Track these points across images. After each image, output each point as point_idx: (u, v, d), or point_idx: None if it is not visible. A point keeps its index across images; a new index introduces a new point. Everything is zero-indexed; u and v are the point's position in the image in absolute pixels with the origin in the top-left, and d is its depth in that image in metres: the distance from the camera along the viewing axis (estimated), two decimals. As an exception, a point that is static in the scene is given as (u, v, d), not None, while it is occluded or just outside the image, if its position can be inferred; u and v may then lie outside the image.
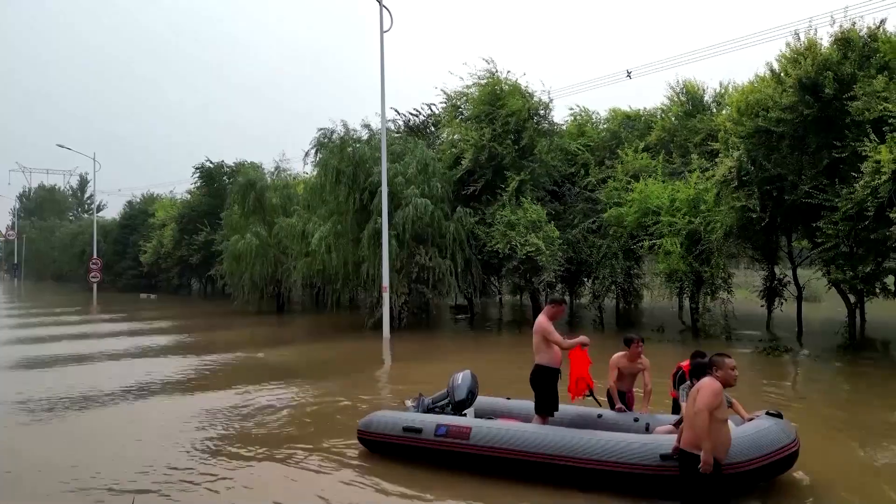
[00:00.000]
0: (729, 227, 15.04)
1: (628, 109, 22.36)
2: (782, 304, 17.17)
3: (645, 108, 22.11)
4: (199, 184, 38.22)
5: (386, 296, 17.42)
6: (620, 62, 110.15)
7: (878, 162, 11.61)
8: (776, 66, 14.50)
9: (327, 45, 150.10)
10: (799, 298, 16.71)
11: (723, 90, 19.71)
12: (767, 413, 5.96)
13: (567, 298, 24.38)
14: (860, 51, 13.21)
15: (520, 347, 16.66)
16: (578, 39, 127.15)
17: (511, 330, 21.36)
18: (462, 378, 7.00)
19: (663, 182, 17.35)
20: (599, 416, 6.63)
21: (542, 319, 6.45)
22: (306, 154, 21.32)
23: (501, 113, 19.52)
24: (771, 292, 17.18)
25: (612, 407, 6.75)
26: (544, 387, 6.36)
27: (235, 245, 25.58)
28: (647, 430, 6.26)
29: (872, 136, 11.98)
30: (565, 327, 21.07)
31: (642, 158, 18.78)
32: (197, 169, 37.11)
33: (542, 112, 20.78)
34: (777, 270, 17.45)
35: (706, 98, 20.23)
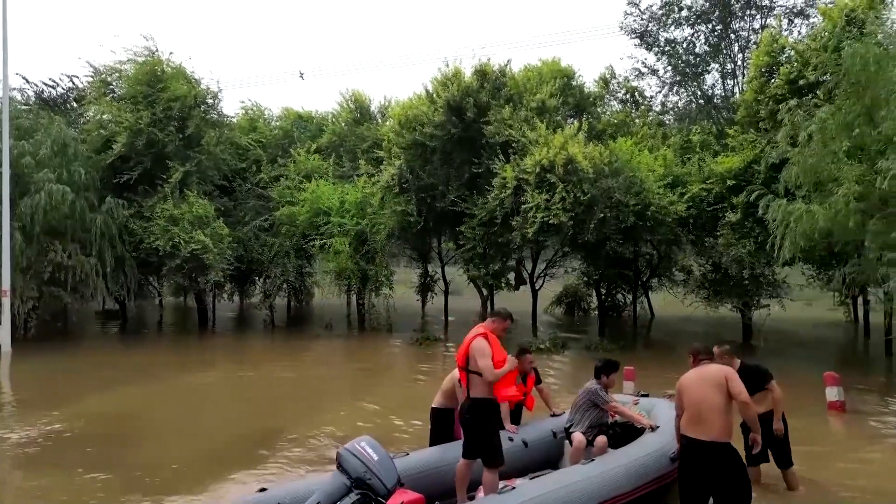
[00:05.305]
0: (391, 229, 16.59)
1: (301, 110, 22.70)
2: (433, 297, 19.50)
3: (317, 111, 22.82)
4: None
5: (6, 301, 14.26)
6: (295, 62, 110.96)
7: (504, 178, 14.09)
8: (430, 87, 16.40)
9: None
10: (446, 293, 19.21)
11: (387, 103, 21.50)
12: (642, 394, 6.30)
13: (237, 299, 23.55)
14: (493, 83, 15.85)
15: (184, 352, 15.48)
16: (249, 32, 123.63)
17: (173, 333, 19.63)
18: (373, 450, 4.26)
19: (334, 184, 18.19)
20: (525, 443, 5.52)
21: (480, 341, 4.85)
22: None
23: (163, 97, 17.72)
24: (425, 288, 19.41)
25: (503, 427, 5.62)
26: (493, 427, 4.83)
27: None
28: (556, 437, 5.68)
29: (501, 157, 14.49)
30: (232, 327, 20.28)
31: (314, 159, 19.43)
32: None
33: (210, 101, 19.53)
34: (430, 268, 19.77)
35: (373, 108, 21.87)
